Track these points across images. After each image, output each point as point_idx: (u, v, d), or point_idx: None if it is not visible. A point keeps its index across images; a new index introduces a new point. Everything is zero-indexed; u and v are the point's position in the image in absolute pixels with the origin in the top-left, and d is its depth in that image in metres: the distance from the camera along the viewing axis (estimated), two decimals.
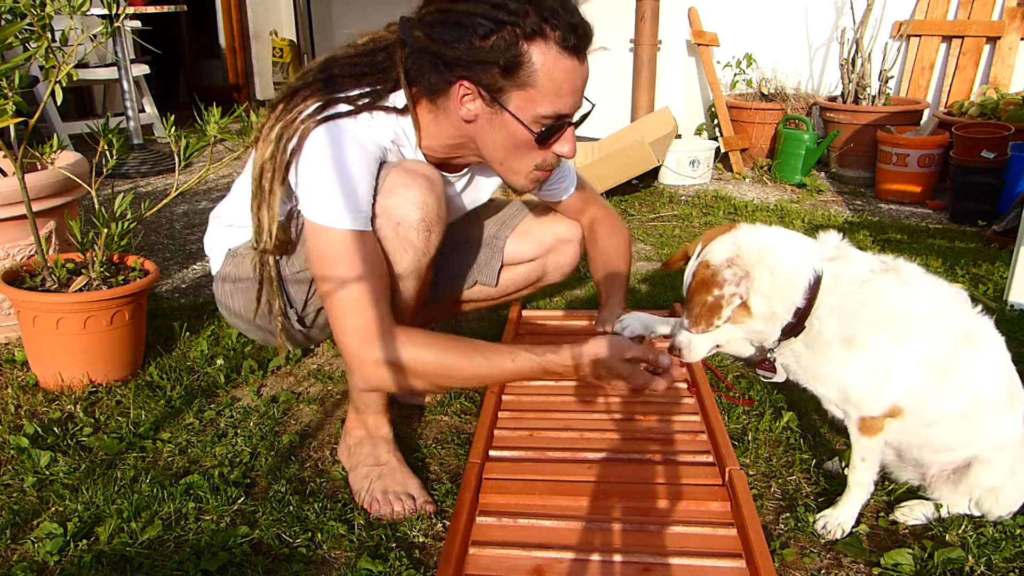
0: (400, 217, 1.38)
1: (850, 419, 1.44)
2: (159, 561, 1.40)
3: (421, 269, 1.45)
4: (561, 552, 1.28)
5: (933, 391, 1.37)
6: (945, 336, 1.37)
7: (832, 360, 1.38)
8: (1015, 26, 4.20)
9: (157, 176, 4.43)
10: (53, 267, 1.99)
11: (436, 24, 1.33)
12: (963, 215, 3.60)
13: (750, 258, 1.32)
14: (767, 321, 1.36)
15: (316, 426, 1.87)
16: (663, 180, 4.32)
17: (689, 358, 1.42)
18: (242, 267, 1.62)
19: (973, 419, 1.41)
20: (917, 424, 1.41)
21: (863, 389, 1.38)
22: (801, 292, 1.34)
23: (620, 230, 1.86)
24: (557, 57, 1.32)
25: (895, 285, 1.37)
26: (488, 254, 1.83)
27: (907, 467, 1.57)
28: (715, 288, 1.31)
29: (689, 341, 1.40)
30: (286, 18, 7.08)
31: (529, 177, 1.47)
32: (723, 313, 1.31)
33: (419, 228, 1.40)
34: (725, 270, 1.32)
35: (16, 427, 1.83)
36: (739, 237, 1.35)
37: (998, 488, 1.45)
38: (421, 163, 1.46)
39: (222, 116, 1.90)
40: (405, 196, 1.38)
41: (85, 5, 1.84)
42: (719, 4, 4.82)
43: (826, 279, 1.35)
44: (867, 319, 1.35)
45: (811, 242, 1.39)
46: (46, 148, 2.06)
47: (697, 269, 1.36)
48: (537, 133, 1.37)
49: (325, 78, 1.42)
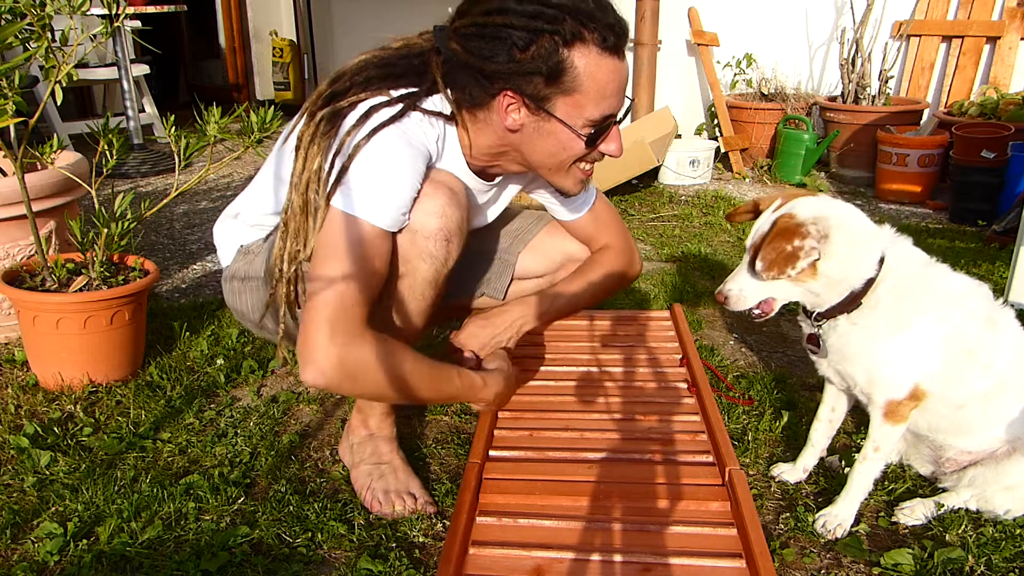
0: (419, 226, 1.37)
1: (875, 405, 1.45)
2: (159, 561, 1.40)
3: (439, 279, 1.44)
4: (561, 552, 1.28)
5: (960, 373, 1.41)
6: (972, 320, 1.42)
7: (873, 337, 1.41)
8: (1015, 26, 4.20)
9: (157, 176, 4.43)
10: (53, 267, 1.99)
11: (472, 37, 1.31)
12: (963, 215, 3.60)
13: (834, 222, 1.37)
14: (830, 286, 1.40)
15: (316, 426, 1.87)
16: (663, 180, 4.32)
17: (737, 306, 1.46)
18: (253, 266, 1.61)
19: (997, 401, 1.45)
20: (948, 407, 1.45)
21: (893, 367, 1.41)
22: (873, 266, 1.40)
23: (619, 263, 1.80)
24: (599, 59, 1.31)
25: (942, 273, 1.44)
26: (499, 268, 1.82)
27: (921, 454, 1.60)
28: (796, 238, 1.35)
29: (740, 290, 1.45)
30: (286, 18, 7.07)
31: (576, 178, 1.47)
32: (799, 264, 1.35)
33: (437, 238, 1.39)
34: (810, 225, 1.36)
35: (16, 427, 1.83)
36: (826, 202, 1.41)
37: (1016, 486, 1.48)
38: (447, 173, 1.45)
39: (222, 116, 1.89)
40: (426, 206, 1.37)
41: (85, 5, 1.84)
42: (719, 4, 4.82)
43: (891, 259, 1.41)
44: (922, 301, 1.39)
45: (877, 226, 1.46)
46: (46, 148, 2.06)
47: (780, 218, 1.39)
48: (587, 137, 1.37)
49: (363, 80, 1.39)
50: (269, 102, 3.98)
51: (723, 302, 1.47)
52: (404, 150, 1.34)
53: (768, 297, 1.45)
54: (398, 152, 1.33)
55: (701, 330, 2.41)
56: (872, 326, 1.41)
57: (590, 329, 1.95)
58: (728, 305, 1.47)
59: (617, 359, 1.88)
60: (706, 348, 2.28)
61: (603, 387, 1.76)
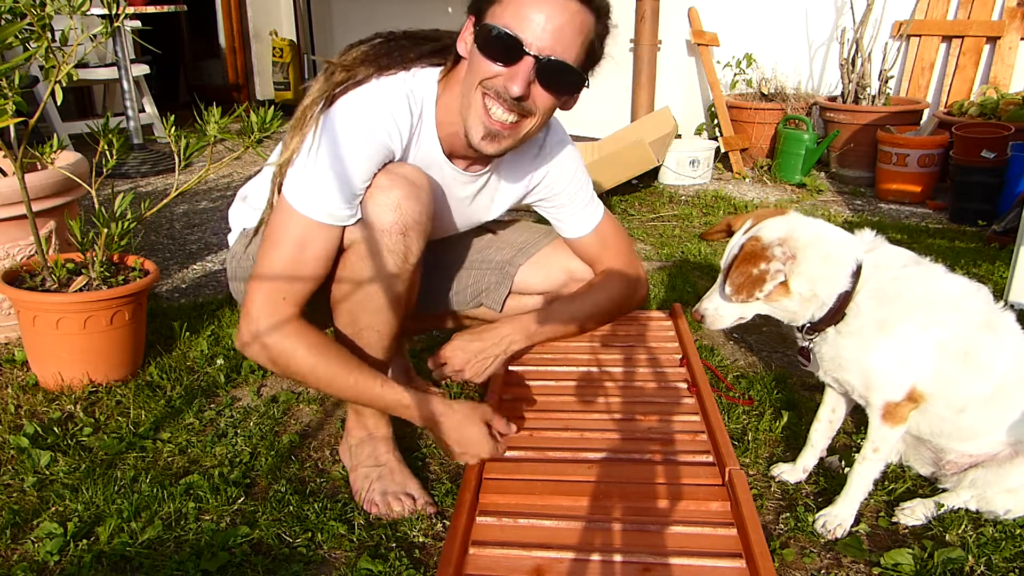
0: (373, 219, 1.38)
1: (873, 407, 1.46)
2: (159, 561, 1.40)
3: (403, 274, 1.43)
4: (561, 552, 1.28)
5: (957, 375, 1.41)
6: (968, 322, 1.42)
7: (862, 344, 1.42)
8: (1015, 26, 4.20)
9: (157, 176, 4.43)
10: (53, 267, 1.99)
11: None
12: (963, 215, 3.60)
13: (801, 242, 1.40)
14: (803, 302, 1.43)
15: (316, 426, 1.87)
16: (663, 180, 4.32)
17: (714, 325, 1.50)
18: (248, 249, 1.62)
19: (999, 404, 1.45)
20: (948, 410, 1.45)
21: (887, 371, 1.42)
22: (846, 278, 1.41)
23: (621, 288, 1.75)
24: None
25: (928, 274, 1.44)
26: (498, 278, 1.79)
27: (921, 456, 1.60)
28: (762, 262, 1.38)
29: (716, 309, 1.48)
30: (286, 18, 7.07)
31: (478, 116, 1.37)
32: (765, 287, 1.38)
33: (392, 232, 1.38)
34: (775, 247, 1.38)
35: (16, 427, 1.83)
36: (793, 221, 1.43)
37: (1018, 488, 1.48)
38: (411, 166, 1.45)
39: (222, 116, 1.89)
40: (380, 199, 1.38)
41: (85, 5, 1.84)
42: (719, 4, 4.82)
43: (867, 267, 1.42)
44: (902, 304, 1.40)
45: (851, 235, 1.48)
46: (46, 148, 2.06)
47: (747, 242, 1.42)
48: (482, 39, 1.32)
49: (388, 37, 1.46)
50: (269, 102, 3.97)
51: (700, 320, 1.51)
52: (356, 144, 1.36)
53: (742, 316, 1.48)
54: (348, 145, 1.35)
55: (701, 330, 2.41)
56: (859, 333, 1.42)
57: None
58: (704, 324, 1.51)
59: (617, 359, 1.88)
60: (706, 348, 2.28)
61: (603, 387, 1.76)
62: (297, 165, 1.37)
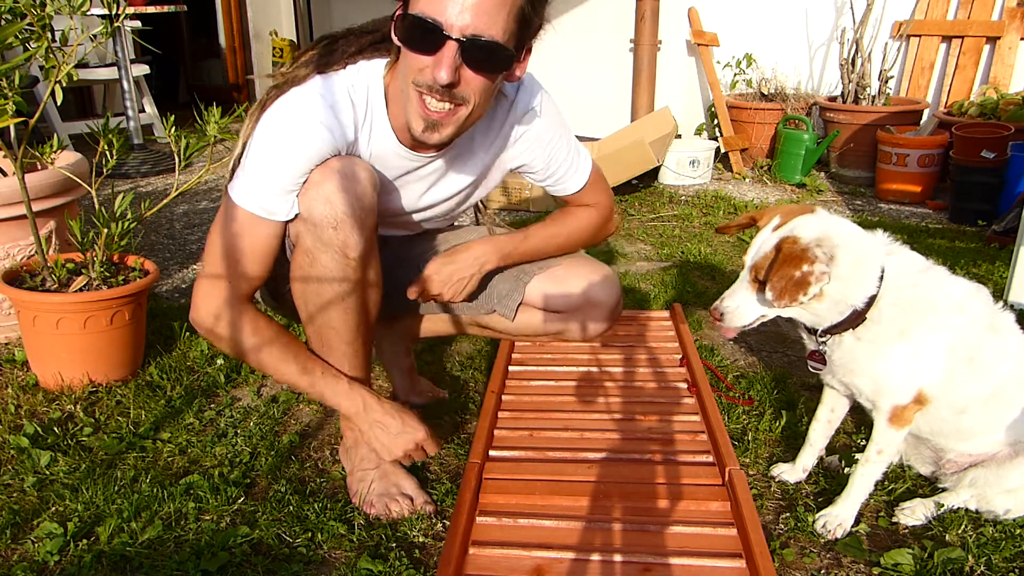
0: (307, 213, 1.38)
1: (880, 411, 1.45)
2: (159, 561, 1.40)
3: (347, 268, 1.40)
4: (561, 552, 1.28)
5: (962, 377, 1.41)
6: (974, 325, 1.42)
7: (879, 350, 1.40)
8: (1015, 26, 4.20)
9: (157, 176, 4.43)
10: (53, 267, 1.99)
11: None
12: (963, 215, 3.60)
13: (837, 240, 1.34)
14: (833, 306, 1.38)
15: (316, 426, 1.87)
16: (663, 180, 4.32)
17: (733, 323, 1.43)
18: None
19: (998, 405, 1.45)
20: (949, 411, 1.44)
21: (898, 376, 1.41)
22: (875, 281, 1.38)
23: (597, 218, 1.72)
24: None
25: (936, 279, 1.43)
26: (511, 286, 1.71)
27: (922, 455, 1.60)
28: (805, 264, 1.32)
29: (736, 308, 1.42)
30: (286, 18, 7.07)
31: (416, 110, 1.33)
32: (810, 290, 1.32)
33: (324, 226, 1.37)
34: (815, 248, 1.33)
35: (16, 427, 1.83)
36: (825, 220, 1.38)
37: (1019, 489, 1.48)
38: (349, 158, 1.41)
39: (222, 116, 1.90)
40: (312, 193, 1.37)
41: (85, 5, 1.84)
42: (719, 4, 4.82)
43: (889, 271, 1.39)
44: (919, 310, 1.38)
45: (873, 236, 1.44)
46: (46, 148, 2.06)
47: (783, 243, 1.36)
48: (403, 31, 1.28)
49: (332, 37, 1.47)
50: None
51: (718, 319, 1.43)
52: (285, 140, 1.36)
53: (765, 315, 1.43)
54: (278, 142, 1.37)
55: (701, 330, 2.41)
56: (877, 339, 1.40)
57: None
58: (723, 322, 1.43)
59: (617, 359, 1.88)
60: (706, 348, 2.28)
61: (603, 387, 1.76)
62: (242, 161, 1.42)
